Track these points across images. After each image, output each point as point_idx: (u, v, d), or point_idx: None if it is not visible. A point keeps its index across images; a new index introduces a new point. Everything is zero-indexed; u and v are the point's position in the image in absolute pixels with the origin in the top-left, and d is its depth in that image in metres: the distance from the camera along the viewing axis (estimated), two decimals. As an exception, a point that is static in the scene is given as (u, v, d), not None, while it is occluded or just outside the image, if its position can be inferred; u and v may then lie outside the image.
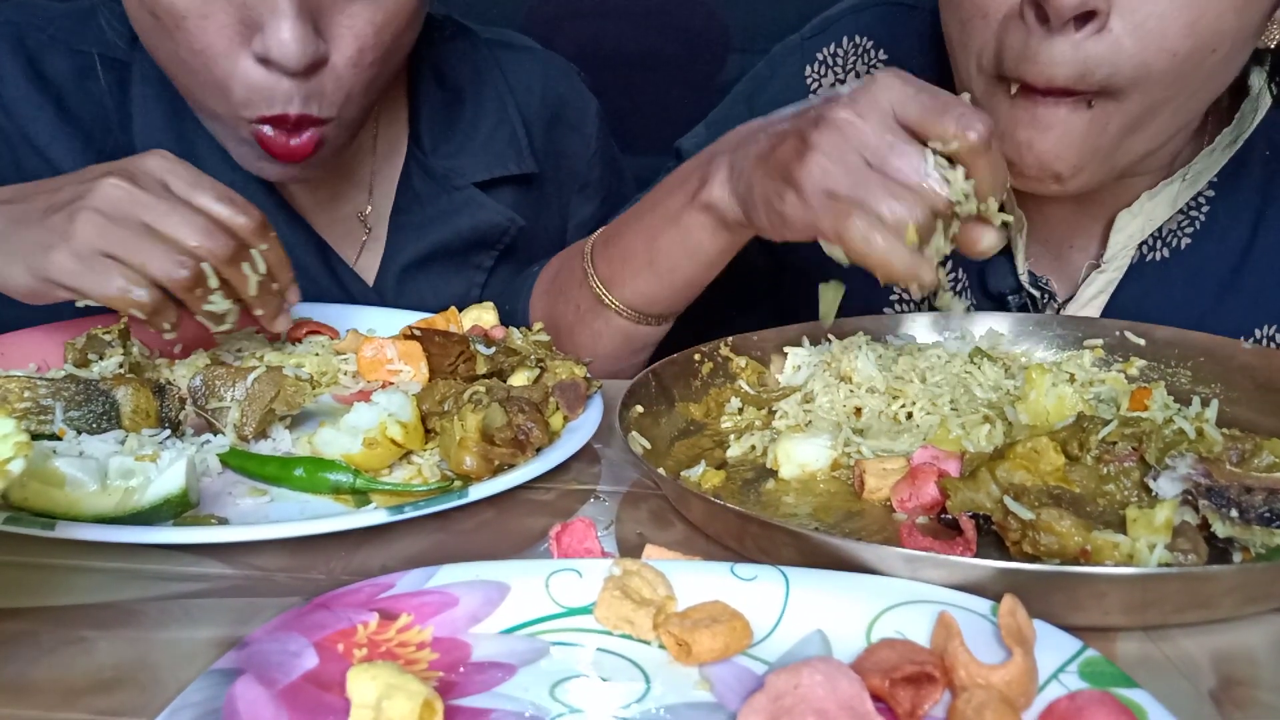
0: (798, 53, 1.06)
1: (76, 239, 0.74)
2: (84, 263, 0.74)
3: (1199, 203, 0.95)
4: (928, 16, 1.03)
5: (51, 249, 0.74)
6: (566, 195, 1.21)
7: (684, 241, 0.85)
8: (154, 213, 0.75)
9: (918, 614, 0.50)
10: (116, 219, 0.74)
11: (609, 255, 0.93)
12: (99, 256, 0.74)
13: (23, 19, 1.02)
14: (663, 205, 0.87)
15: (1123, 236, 0.95)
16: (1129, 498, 0.63)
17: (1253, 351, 0.82)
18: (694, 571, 0.53)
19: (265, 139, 0.89)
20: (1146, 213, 0.94)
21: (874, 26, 1.05)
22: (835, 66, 1.05)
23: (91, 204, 0.74)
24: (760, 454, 0.74)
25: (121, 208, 0.75)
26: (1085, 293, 0.97)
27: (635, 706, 0.45)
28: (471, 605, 0.51)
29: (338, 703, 0.44)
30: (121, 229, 0.74)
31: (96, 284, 0.74)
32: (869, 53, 1.04)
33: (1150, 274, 0.96)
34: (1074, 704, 0.44)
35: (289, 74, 0.86)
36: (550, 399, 0.76)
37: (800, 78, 1.06)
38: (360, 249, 1.11)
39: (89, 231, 0.74)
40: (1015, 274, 0.97)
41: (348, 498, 0.68)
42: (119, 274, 0.74)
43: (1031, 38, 0.77)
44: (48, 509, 0.60)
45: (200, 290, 0.76)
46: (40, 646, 0.52)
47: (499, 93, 1.14)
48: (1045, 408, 0.73)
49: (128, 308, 0.75)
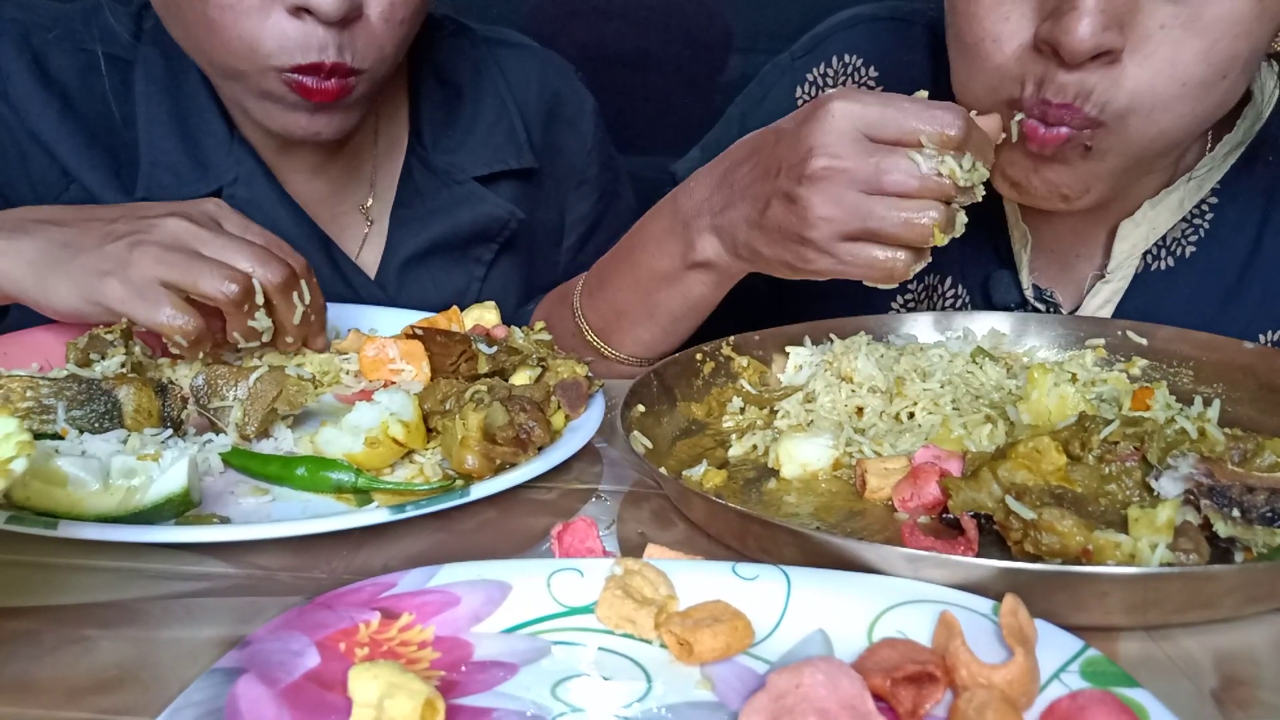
0: (789, 73, 1.06)
1: (134, 269, 0.77)
2: (137, 291, 0.77)
3: (1203, 210, 0.94)
4: (919, 31, 1.03)
5: (108, 275, 0.77)
6: (564, 191, 1.22)
7: (685, 296, 0.88)
8: (211, 246, 0.79)
9: (919, 613, 0.50)
10: (173, 248, 0.78)
11: (600, 311, 0.95)
12: (153, 286, 0.77)
13: (27, 18, 1.03)
14: (650, 266, 0.90)
15: (1126, 245, 0.94)
16: (1131, 497, 0.63)
17: (1255, 351, 0.82)
18: (695, 571, 0.53)
19: (297, 83, 0.91)
20: (1149, 220, 0.93)
21: (863, 43, 1.04)
22: (826, 86, 1.05)
23: (153, 239, 0.78)
24: (762, 453, 0.74)
25: (180, 239, 0.79)
26: (1090, 304, 0.96)
27: (637, 706, 0.45)
28: (473, 604, 0.51)
29: (339, 702, 0.44)
30: (177, 256, 0.78)
31: (146, 311, 0.77)
32: (859, 70, 1.04)
33: (1156, 283, 0.95)
34: (1075, 703, 0.44)
35: (326, 24, 0.89)
36: (552, 398, 0.76)
37: (791, 99, 1.06)
38: (362, 242, 1.12)
39: (147, 262, 0.77)
40: (1019, 287, 0.97)
41: (349, 497, 0.68)
42: (169, 302, 0.77)
43: (1047, 69, 0.77)
44: (50, 508, 0.60)
45: (248, 306, 0.80)
46: (43, 645, 0.52)
47: (498, 89, 1.15)
48: (1047, 407, 0.73)
49: (173, 334, 0.78)
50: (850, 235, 0.74)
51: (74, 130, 1.02)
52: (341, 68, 0.91)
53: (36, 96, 1.01)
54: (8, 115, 1.01)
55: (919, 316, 0.93)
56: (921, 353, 0.84)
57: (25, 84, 1.01)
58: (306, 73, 0.91)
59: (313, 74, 0.91)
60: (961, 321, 0.92)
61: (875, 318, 0.92)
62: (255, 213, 1.04)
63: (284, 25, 0.89)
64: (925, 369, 0.81)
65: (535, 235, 1.18)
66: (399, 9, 0.93)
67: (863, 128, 0.72)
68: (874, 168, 0.71)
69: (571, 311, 0.97)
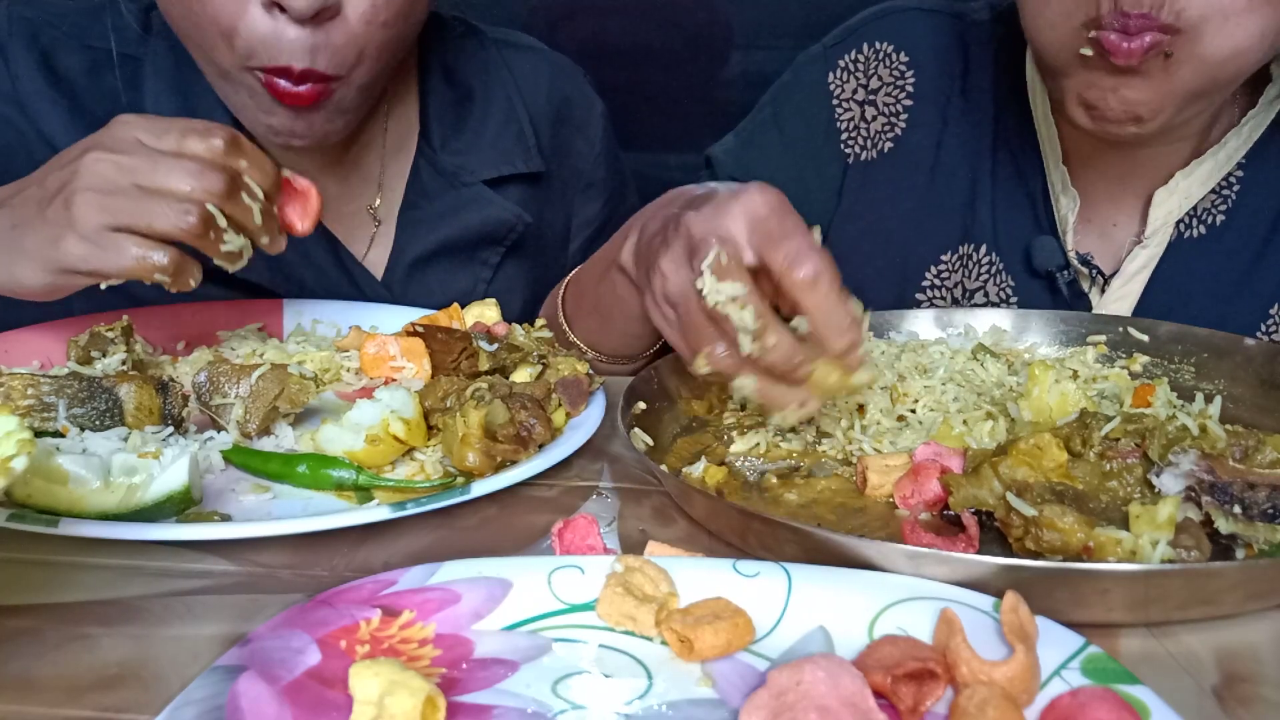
0: (820, 61, 1.10)
1: (80, 222, 0.73)
2: (94, 243, 0.73)
3: (1230, 181, 0.99)
4: (946, 20, 1.07)
5: (59, 240, 0.74)
6: (571, 194, 1.21)
7: (612, 291, 0.87)
8: (142, 173, 0.74)
9: (920, 610, 0.50)
10: (111, 191, 0.74)
11: (572, 293, 0.97)
12: (106, 233, 0.73)
13: (36, 16, 1.03)
14: (604, 254, 0.90)
15: (1161, 212, 0.98)
16: (1132, 494, 0.63)
17: (1256, 347, 0.82)
18: (696, 568, 0.53)
19: (270, 83, 0.88)
20: (1183, 190, 0.98)
21: (895, 32, 1.08)
22: (858, 72, 1.08)
23: (82, 184, 0.74)
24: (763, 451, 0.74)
25: (111, 178, 0.74)
26: (1129, 268, 1.00)
27: (638, 703, 0.46)
28: (474, 602, 0.51)
29: (340, 699, 0.44)
30: (119, 198, 0.74)
31: (113, 260, 0.73)
32: (890, 57, 1.07)
33: (1188, 250, 1.00)
34: (1076, 700, 0.44)
35: (296, 21, 0.85)
36: (553, 395, 0.76)
37: (824, 85, 1.09)
38: (370, 243, 1.12)
39: (89, 211, 0.73)
40: (1063, 251, 1.01)
41: (350, 494, 0.68)
42: (132, 244, 0.73)
43: None
44: (51, 506, 0.60)
45: (214, 234, 0.76)
46: (44, 643, 0.52)
47: (507, 92, 1.15)
48: (1048, 404, 0.73)
49: (150, 274, 0.74)
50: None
51: (83, 129, 1.01)
52: (311, 74, 0.88)
53: (45, 95, 1.01)
54: (15, 116, 1.01)
55: (920, 313, 0.93)
56: (923, 349, 0.84)
57: (34, 83, 1.01)
58: (278, 75, 0.88)
59: (284, 77, 0.88)
60: (963, 318, 0.92)
61: (876, 315, 0.92)
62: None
63: (258, 21, 0.86)
64: (926, 365, 0.81)
65: (542, 238, 1.18)
66: (380, 10, 0.89)
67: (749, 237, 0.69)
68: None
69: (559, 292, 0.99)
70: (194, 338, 0.93)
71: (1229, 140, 0.97)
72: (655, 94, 1.89)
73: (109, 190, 0.74)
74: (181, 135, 0.76)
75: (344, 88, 0.92)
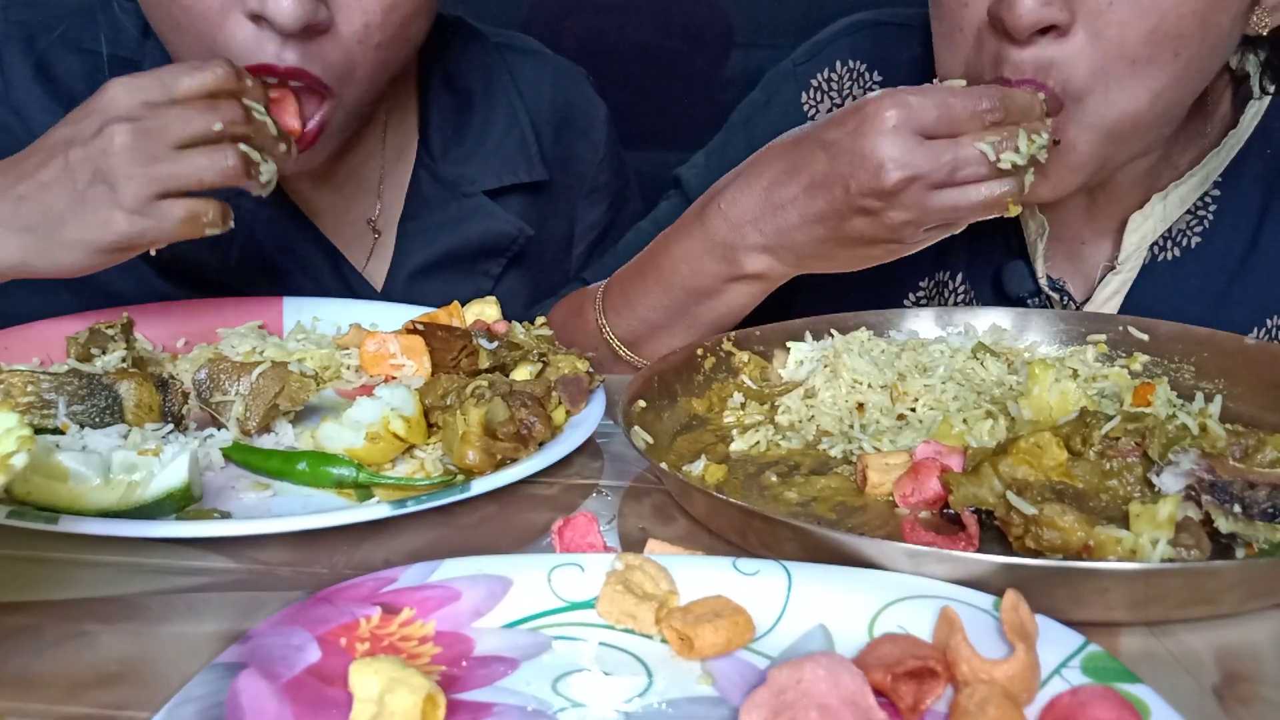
0: (791, 79, 1.07)
1: (127, 198, 0.74)
2: (144, 214, 0.75)
3: (1205, 201, 0.96)
4: (919, 35, 1.03)
5: (108, 222, 0.75)
6: (574, 200, 1.20)
7: (729, 305, 0.90)
8: (172, 130, 0.75)
9: (920, 609, 0.50)
10: (150, 159, 0.74)
11: (630, 326, 0.94)
12: (153, 202, 0.75)
13: (32, 19, 1.02)
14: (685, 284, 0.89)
15: (1135, 238, 0.96)
16: (1132, 493, 0.63)
17: (1256, 347, 0.82)
18: (696, 566, 0.53)
19: None
20: (1158, 214, 0.95)
21: (866, 49, 1.05)
22: (830, 92, 1.06)
23: (120, 160, 0.74)
24: (764, 449, 0.74)
25: (145, 147, 0.75)
26: (1101, 294, 0.98)
27: (637, 701, 0.46)
28: (474, 599, 0.51)
29: (340, 697, 0.44)
30: (162, 165, 0.74)
31: (167, 227, 0.75)
32: (863, 76, 1.05)
33: (1163, 273, 0.97)
34: (1076, 699, 0.44)
35: (282, 34, 0.84)
36: (553, 393, 0.76)
37: (797, 105, 1.06)
38: (369, 254, 1.11)
39: (135, 185, 0.74)
40: (1034, 277, 0.98)
41: (350, 492, 0.68)
42: (178, 207, 0.75)
43: (1001, 47, 0.79)
44: (51, 503, 0.60)
45: (253, 168, 0.78)
46: (44, 640, 0.52)
47: (509, 98, 1.13)
48: (1048, 403, 0.73)
49: (202, 229, 0.76)
50: (931, 228, 0.79)
51: None
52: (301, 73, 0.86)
53: (41, 101, 0.99)
54: (11, 122, 1.00)
55: (921, 311, 0.93)
56: (923, 348, 0.84)
57: (30, 89, 1.00)
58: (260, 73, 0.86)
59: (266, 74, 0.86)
60: (963, 317, 0.92)
61: (876, 313, 0.92)
62: (260, 223, 1.03)
63: (240, 30, 0.84)
64: (926, 364, 0.81)
65: (544, 246, 1.16)
66: (375, 31, 0.87)
67: (918, 129, 0.74)
68: (948, 168, 0.74)
69: (593, 326, 0.96)
70: (194, 335, 0.92)
71: (1209, 161, 0.94)
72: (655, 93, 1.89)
73: (148, 159, 0.74)
74: (182, 80, 0.76)
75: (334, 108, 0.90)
